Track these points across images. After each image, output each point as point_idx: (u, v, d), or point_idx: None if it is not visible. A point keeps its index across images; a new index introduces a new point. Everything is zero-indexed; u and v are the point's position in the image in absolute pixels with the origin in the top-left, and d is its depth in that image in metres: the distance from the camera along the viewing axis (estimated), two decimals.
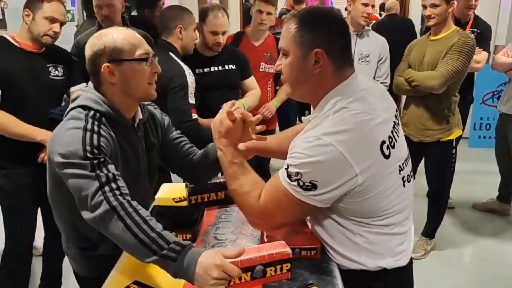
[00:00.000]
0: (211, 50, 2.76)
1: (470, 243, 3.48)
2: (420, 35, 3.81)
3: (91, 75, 1.46)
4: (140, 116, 1.57)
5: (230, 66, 2.82)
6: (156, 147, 1.68)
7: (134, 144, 1.56)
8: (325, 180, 1.23)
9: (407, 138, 3.05)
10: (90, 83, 1.49)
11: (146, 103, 1.66)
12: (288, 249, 1.33)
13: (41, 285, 2.72)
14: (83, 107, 1.42)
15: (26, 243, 2.44)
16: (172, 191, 1.88)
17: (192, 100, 2.40)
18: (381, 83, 3.14)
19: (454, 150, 3.06)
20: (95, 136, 1.34)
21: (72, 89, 2.45)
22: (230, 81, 2.84)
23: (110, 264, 1.48)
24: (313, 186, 1.24)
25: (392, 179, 1.32)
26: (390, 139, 1.30)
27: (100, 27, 2.73)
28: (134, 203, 1.28)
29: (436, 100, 2.93)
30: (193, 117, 2.39)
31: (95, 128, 1.36)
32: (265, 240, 1.46)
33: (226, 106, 1.48)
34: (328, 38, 1.29)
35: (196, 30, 2.63)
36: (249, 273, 1.28)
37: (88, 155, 1.30)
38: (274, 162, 3.72)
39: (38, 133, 2.23)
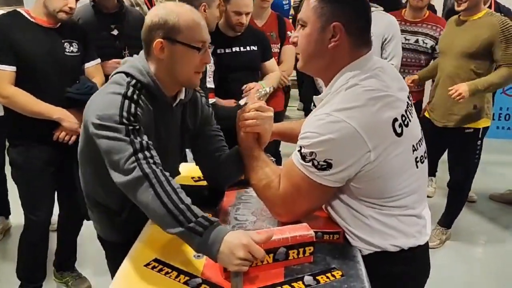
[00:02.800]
0: (233, 30, 2.72)
1: (485, 235, 3.44)
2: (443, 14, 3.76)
3: (144, 43, 1.44)
4: (182, 96, 1.55)
5: (252, 47, 2.79)
6: (190, 132, 1.65)
7: (170, 122, 1.54)
8: (340, 158, 1.22)
9: (432, 124, 3.02)
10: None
11: None
12: (311, 232, 1.31)
13: (56, 260, 2.74)
14: (127, 74, 1.42)
15: (45, 220, 2.44)
16: (192, 170, 1.86)
17: (210, 85, 2.36)
18: None
19: (480, 141, 2.98)
20: (133, 105, 1.34)
21: (87, 65, 2.43)
22: (251, 63, 2.81)
23: (134, 231, 1.49)
24: (328, 165, 1.23)
25: (405, 158, 1.30)
26: (403, 118, 1.28)
27: (94, 2, 2.69)
28: (167, 173, 1.27)
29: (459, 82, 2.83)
30: (211, 101, 2.35)
31: (135, 97, 1.36)
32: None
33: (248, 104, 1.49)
34: (348, 13, 1.27)
35: (219, 8, 2.59)
36: (271, 255, 1.26)
37: (124, 120, 1.29)
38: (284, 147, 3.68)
39: (54, 111, 2.22)
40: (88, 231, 2.89)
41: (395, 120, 1.25)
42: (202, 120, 1.68)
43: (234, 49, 2.75)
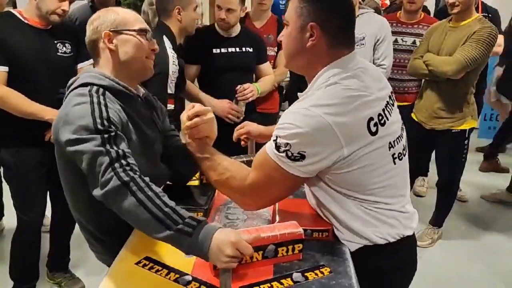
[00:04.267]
0: (220, 28, 2.74)
1: (477, 234, 3.47)
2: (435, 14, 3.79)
3: (90, 49, 1.49)
4: (142, 91, 1.58)
5: (248, 49, 2.80)
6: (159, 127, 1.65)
7: (145, 115, 1.55)
8: (313, 151, 1.25)
9: (420, 126, 3.05)
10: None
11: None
12: (300, 230, 1.33)
13: (49, 261, 2.74)
14: (85, 84, 1.40)
15: (37, 221, 2.45)
16: None
17: (171, 90, 2.34)
18: (379, 65, 3.11)
19: (466, 141, 3.03)
20: (103, 108, 1.32)
21: (80, 65, 2.43)
22: (246, 64, 2.82)
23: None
24: (301, 157, 1.26)
25: (379, 155, 1.32)
26: (380, 117, 1.31)
27: (93, 3, 2.70)
28: (146, 178, 1.25)
29: (453, 87, 2.89)
30: (169, 108, 2.30)
31: (102, 101, 1.35)
32: (276, 220, 1.45)
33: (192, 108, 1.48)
34: (325, 14, 1.30)
35: (196, 9, 2.57)
36: (260, 252, 1.28)
37: (99, 127, 1.27)
38: None
39: (46, 112, 2.22)
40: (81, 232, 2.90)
41: (371, 119, 1.28)
42: (161, 117, 1.68)
43: (229, 50, 2.75)
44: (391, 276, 1.46)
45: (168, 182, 1.72)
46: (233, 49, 2.77)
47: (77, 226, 2.60)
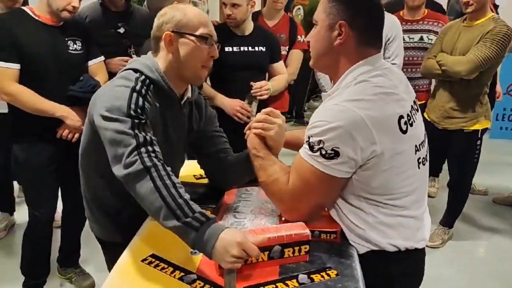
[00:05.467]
0: (230, 26, 2.73)
1: (488, 236, 3.43)
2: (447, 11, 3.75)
3: (153, 40, 1.51)
4: (189, 94, 1.59)
5: (261, 48, 2.77)
6: (194, 133, 1.68)
7: (178, 119, 1.57)
8: (347, 146, 1.24)
9: (432, 126, 3.03)
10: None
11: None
12: (307, 231, 1.32)
13: (60, 256, 2.77)
14: (136, 70, 1.44)
15: (48, 217, 2.47)
16: (194, 167, 1.88)
17: None
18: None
19: (479, 141, 3.00)
20: (141, 98, 1.36)
21: (90, 63, 2.44)
22: (258, 63, 2.79)
23: (134, 231, 1.50)
24: (336, 154, 1.25)
25: (407, 156, 1.33)
26: (408, 117, 1.32)
27: (102, 1, 2.71)
28: (168, 168, 1.28)
29: (466, 87, 2.86)
30: None
31: (143, 91, 1.38)
32: (284, 221, 1.45)
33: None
34: (354, 13, 1.31)
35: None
36: (266, 253, 1.27)
37: (131, 112, 1.31)
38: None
39: (57, 109, 2.24)
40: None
41: (401, 117, 1.29)
42: (207, 121, 1.70)
43: (242, 48, 2.73)
44: (399, 281, 1.44)
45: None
46: (245, 48, 2.74)
47: (87, 222, 2.69)
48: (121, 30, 2.70)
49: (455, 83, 2.89)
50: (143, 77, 1.42)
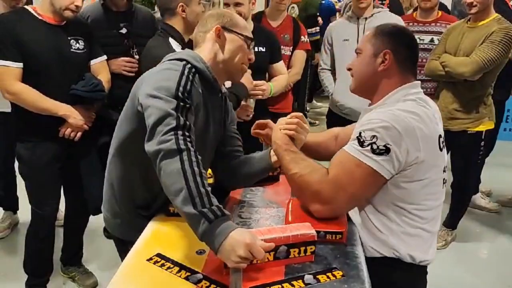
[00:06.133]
0: None
1: (491, 238, 3.42)
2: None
3: (198, 34, 1.59)
4: (224, 89, 1.66)
5: (260, 48, 2.77)
6: (224, 128, 1.71)
7: (216, 111, 1.62)
8: (397, 145, 1.35)
9: None
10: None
11: None
12: (313, 231, 1.32)
13: (63, 255, 2.77)
14: (181, 59, 1.47)
15: (51, 215, 2.47)
16: None
17: None
18: None
19: (482, 142, 2.99)
20: (189, 82, 1.39)
21: (93, 62, 2.44)
22: (258, 63, 2.74)
23: None
24: (386, 150, 1.35)
25: (437, 173, 1.46)
26: (443, 139, 1.48)
27: (104, 1, 2.71)
28: (199, 156, 1.28)
29: (470, 88, 2.86)
30: None
31: (190, 77, 1.42)
32: (289, 221, 1.45)
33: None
34: (397, 44, 1.51)
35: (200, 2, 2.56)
36: (272, 253, 1.27)
37: (179, 94, 1.34)
38: None
39: (60, 108, 2.25)
40: (94, 226, 2.93)
41: (440, 136, 1.46)
42: (230, 120, 1.74)
43: None
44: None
45: None
46: None
47: (90, 220, 2.69)
48: (123, 31, 2.69)
49: (459, 84, 2.89)
50: (189, 65, 1.46)
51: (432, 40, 3.22)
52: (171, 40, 2.28)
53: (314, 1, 5.35)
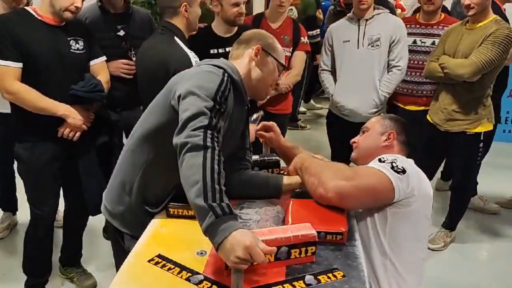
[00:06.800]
0: (233, 24, 2.72)
1: (490, 239, 3.42)
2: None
3: (238, 48, 1.69)
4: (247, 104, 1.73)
5: None
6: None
7: (239, 124, 1.68)
8: (411, 174, 1.56)
9: (435, 128, 3.02)
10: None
11: None
12: (314, 232, 1.32)
13: (62, 256, 2.76)
14: (219, 67, 1.52)
15: (50, 216, 2.47)
16: None
17: None
18: (394, 66, 3.10)
19: (481, 144, 2.99)
20: (227, 89, 1.46)
21: (92, 62, 2.44)
22: None
23: None
24: (403, 171, 1.54)
25: (426, 223, 1.66)
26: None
27: (101, 3, 2.71)
28: (222, 158, 1.30)
29: (468, 89, 2.86)
30: None
31: (228, 85, 1.48)
32: (289, 222, 1.45)
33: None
34: (400, 129, 1.83)
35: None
36: (273, 254, 1.27)
37: (217, 98, 1.39)
38: None
39: (59, 108, 2.25)
40: (94, 227, 2.93)
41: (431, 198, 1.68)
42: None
43: (227, 49, 2.71)
44: None
45: None
46: (229, 49, 2.74)
47: (89, 221, 2.69)
48: (121, 33, 2.70)
49: (458, 85, 2.89)
50: (227, 74, 1.51)
51: (433, 43, 3.22)
52: (176, 39, 2.29)
53: (313, 3, 5.36)
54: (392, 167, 1.55)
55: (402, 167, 1.55)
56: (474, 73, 2.75)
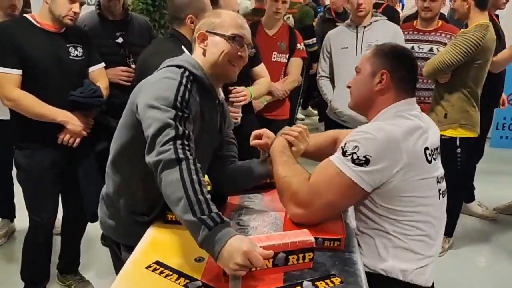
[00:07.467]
0: None
1: (489, 245, 3.43)
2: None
3: (192, 42, 1.62)
4: (222, 95, 1.65)
5: None
6: (221, 134, 1.72)
7: (213, 118, 1.62)
8: (378, 157, 1.38)
9: None
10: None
11: None
12: (311, 238, 1.32)
13: (59, 263, 2.75)
14: (179, 66, 1.49)
15: (49, 222, 2.47)
16: None
17: None
18: None
19: (459, 149, 2.99)
20: (187, 92, 1.41)
21: (91, 69, 2.45)
22: (241, 69, 2.78)
23: None
24: (366, 161, 1.38)
25: (430, 184, 1.48)
26: (432, 151, 1.49)
27: (100, 10, 2.72)
28: (198, 165, 1.29)
29: (438, 91, 3.03)
30: None
31: (188, 86, 1.44)
32: (287, 228, 1.45)
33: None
34: (395, 65, 1.55)
35: None
36: (271, 260, 1.27)
37: (178, 104, 1.36)
38: None
39: (58, 114, 2.25)
40: (92, 234, 2.93)
41: (426, 148, 1.46)
42: (227, 125, 1.76)
43: None
44: None
45: None
46: None
47: (87, 229, 2.69)
48: (119, 40, 2.70)
49: (436, 87, 3.04)
50: (187, 72, 1.47)
51: (431, 50, 3.25)
52: (183, 47, 2.29)
53: (310, 12, 5.39)
54: (354, 161, 1.39)
55: (365, 156, 1.38)
56: (429, 73, 2.92)
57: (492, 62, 3.05)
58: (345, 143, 1.42)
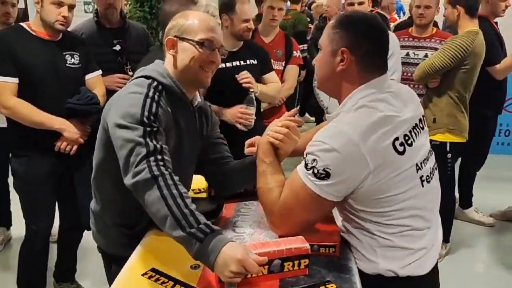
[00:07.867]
0: (241, 39, 2.74)
1: (486, 252, 3.43)
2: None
3: (163, 47, 1.56)
4: (199, 99, 1.62)
5: (251, 61, 2.79)
6: (202, 139, 1.69)
7: (190, 125, 1.59)
8: (338, 169, 1.26)
9: None
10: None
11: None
12: (307, 245, 1.33)
13: (56, 271, 2.75)
14: (148, 77, 1.47)
15: (45, 230, 2.47)
16: (193, 182, 1.88)
17: None
18: None
19: (449, 155, 3.02)
20: (154, 104, 1.39)
21: (87, 76, 2.46)
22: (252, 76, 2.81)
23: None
24: (326, 175, 1.27)
25: (407, 177, 1.33)
26: (406, 137, 1.33)
27: (98, 18, 2.73)
28: (176, 177, 1.29)
29: (428, 95, 3.06)
30: None
31: (156, 97, 1.41)
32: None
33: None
34: (356, 39, 1.35)
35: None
36: (266, 267, 1.27)
37: (145, 120, 1.34)
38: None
39: (55, 122, 2.26)
40: (88, 242, 2.89)
41: (396, 139, 1.30)
42: (211, 127, 1.73)
43: (234, 63, 2.75)
44: None
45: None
46: (237, 63, 2.75)
47: (84, 236, 2.68)
48: (117, 48, 2.72)
49: (427, 91, 3.07)
50: (155, 83, 1.46)
51: (426, 56, 3.27)
52: None
53: (303, 19, 5.44)
54: (315, 175, 1.29)
55: (324, 169, 1.27)
56: (419, 77, 2.99)
57: (495, 69, 3.15)
58: (306, 154, 1.33)
